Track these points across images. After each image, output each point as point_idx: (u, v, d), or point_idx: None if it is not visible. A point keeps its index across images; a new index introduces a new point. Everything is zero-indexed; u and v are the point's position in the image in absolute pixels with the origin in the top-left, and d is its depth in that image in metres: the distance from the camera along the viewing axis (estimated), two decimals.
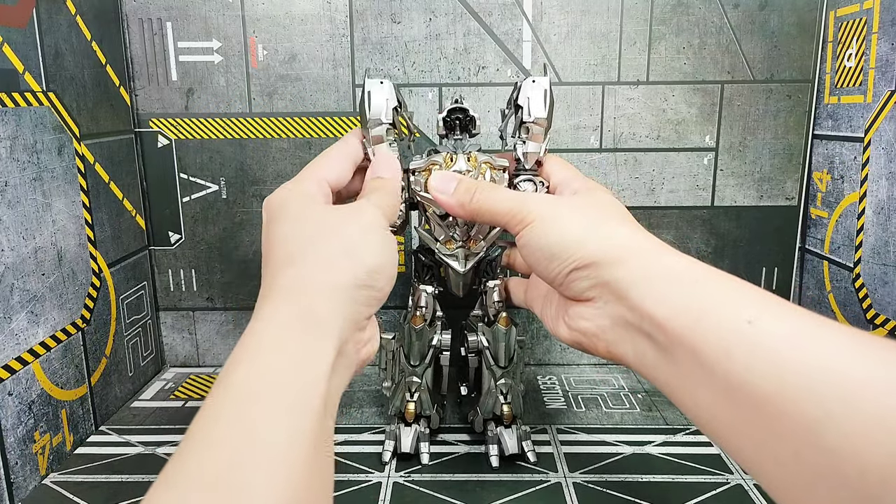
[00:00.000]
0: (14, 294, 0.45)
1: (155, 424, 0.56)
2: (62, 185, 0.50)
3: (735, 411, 0.26)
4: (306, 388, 0.28)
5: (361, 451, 0.50)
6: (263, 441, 0.25)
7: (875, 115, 0.55)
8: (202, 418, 0.26)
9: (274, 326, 0.30)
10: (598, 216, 0.36)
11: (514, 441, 0.48)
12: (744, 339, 0.26)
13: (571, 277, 0.34)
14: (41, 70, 0.48)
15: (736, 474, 0.47)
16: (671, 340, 0.29)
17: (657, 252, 0.33)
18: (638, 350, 0.32)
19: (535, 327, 0.67)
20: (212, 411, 0.26)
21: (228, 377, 0.28)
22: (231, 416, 0.26)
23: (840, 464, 0.22)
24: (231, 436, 0.25)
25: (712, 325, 0.28)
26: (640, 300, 0.31)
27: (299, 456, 0.26)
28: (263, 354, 0.29)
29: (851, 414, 0.22)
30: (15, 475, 0.44)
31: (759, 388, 0.25)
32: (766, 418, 0.25)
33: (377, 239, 0.35)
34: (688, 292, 0.30)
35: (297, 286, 0.32)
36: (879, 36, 0.54)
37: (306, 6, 0.61)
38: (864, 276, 0.56)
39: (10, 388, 0.44)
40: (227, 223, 0.66)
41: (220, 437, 0.25)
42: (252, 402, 0.27)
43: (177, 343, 0.68)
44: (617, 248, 0.33)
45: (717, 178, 0.65)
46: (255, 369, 0.28)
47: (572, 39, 0.62)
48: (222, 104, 0.63)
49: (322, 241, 0.33)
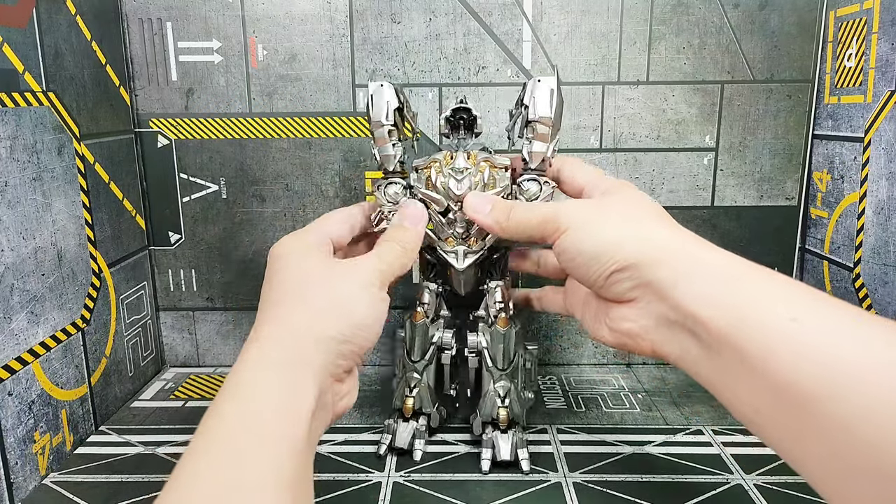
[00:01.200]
0: (14, 294, 0.45)
1: (155, 424, 0.56)
2: (62, 185, 0.50)
3: (779, 408, 0.27)
4: (289, 434, 0.30)
5: (361, 451, 0.50)
6: (248, 481, 0.27)
7: (875, 115, 0.55)
8: (192, 453, 0.28)
9: (260, 369, 0.32)
10: (633, 216, 0.36)
11: (507, 447, 0.47)
12: (789, 338, 0.26)
13: (612, 280, 0.35)
14: (41, 70, 0.48)
15: (736, 474, 0.47)
16: (715, 338, 0.30)
17: (697, 249, 0.34)
18: (683, 348, 0.32)
19: (535, 327, 0.67)
20: (195, 459, 0.28)
21: (214, 421, 0.30)
22: (217, 461, 0.28)
23: (881, 459, 0.23)
24: (218, 482, 0.27)
25: (756, 323, 0.28)
26: (682, 299, 0.31)
27: (282, 495, 0.28)
28: (249, 398, 0.31)
29: (892, 415, 0.23)
30: (15, 475, 0.44)
31: (805, 387, 0.25)
32: (810, 416, 0.25)
33: (366, 297, 0.36)
34: (730, 290, 0.30)
35: (283, 333, 0.34)
36: (879, 36, 0.54)
37: (306, 6, 0.61)
38: (864, 276, 0.56)
39: (10, 388, 0.44)
40: (227, 223, 0.66)
41: (207, 484, 0.27)
42: (237, 447, 0.28)
43: (177, 343, 0.68)
44: (656, 248, 0.34)
45: (717, 178, 0.65)
46: (240, 412, 0.30)
47: (572, 39, 0.62)
48: (222, 104, 0.63)
49: (313, 291, 0.35)
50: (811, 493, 0.44)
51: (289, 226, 0.65)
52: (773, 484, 0.45)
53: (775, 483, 0.45)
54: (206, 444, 0.29)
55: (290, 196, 0.65)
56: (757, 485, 0.45)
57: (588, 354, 0.68)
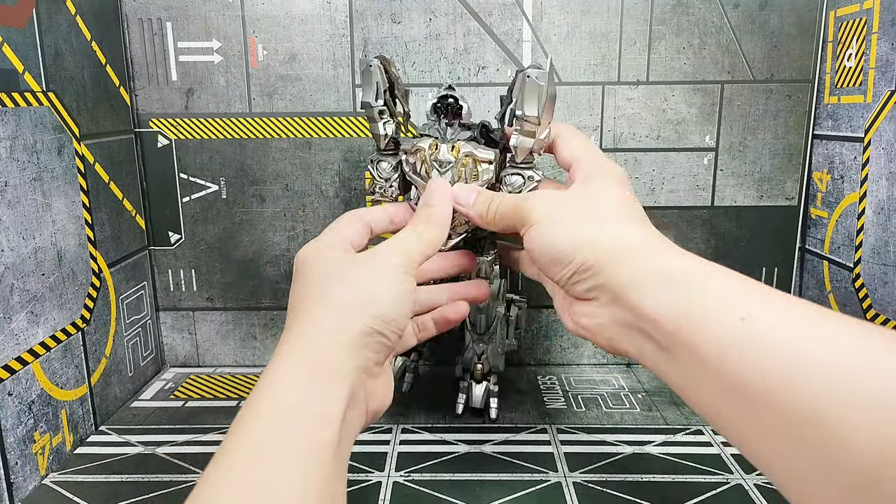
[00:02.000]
0: (14, 294, 0.45)
1: (155, 424, 0.56)
2: (62, 185, 0.50)
3: (736, 407, 0.27)
4: (317, 438, 0.30)
5: (361, 450, 0.50)
6: (275, 493, 0.27)
7: (875, 115, 0.55)
8: (222, 453, 0.28)
9: (289, 377, 0.32)
10: (598, 214, 0.36)
11: (480, 396, 0.54)
12: (738, 337, 0.26)
13: (573, 280, 0.35)
14: (41, 70, 0.48)
15: (736, 474, 0.47)
16: (671, 340, 0.30)
17: (655, 251, 0.33)
18: (637, 347, 0.33)
19: (535, 327, 0.67)
20: (226, 461, 0.28)
21: (242, 431, 0.29)
22: (245, 466, 0.28)
23: (839, 453, 0.22)
24: (244, 487, 0.27)
25: (709, 324, 0.28)
26: (637, 301, 0.31)
27: (308, 501, 0.28)
28: (276, 406, 0.30)
29: (849, 404, 0.22)
30: (15, 475, 0.44)
31: (756, 384, 0.25)
32: (765, 413, 0.25)
33: (389, 285, 0.36)
34: (685, 292, 0.30)
35: (311, 332, 0.34)
36: (879, 36, 0.54)
37: (306, 6, 0.61)
38: (864, 276, 0.56)
39: (10, 388, 0.44)
40: (227, 223, 0.66)
41: (233, 489, 0.27)
42: (265, 452, 0.28)
43: (177, 343, 0.68)
44: (614, 249, 0.34)
45: (717, 178, 0.65)
46: (268, 421, 0.30)
47: (572, 39, 0.62)
48: (222, 104, 0.63)
49: (337, 287, 0.35)
50: None
51: (289, 226, 0.65)
52: (773, 484, 0.45)
53: None
54: (235, 444, 0.29)
55: (290, 196, 0.65)
56: (757, 485, 0.45)
57: (588, 354, 0.68)
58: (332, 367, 0.32)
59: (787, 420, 0.24)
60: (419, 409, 0.58)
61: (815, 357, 0.24)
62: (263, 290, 0.67)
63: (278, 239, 0.66)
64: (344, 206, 0.65)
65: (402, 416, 0.56)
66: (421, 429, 0.54)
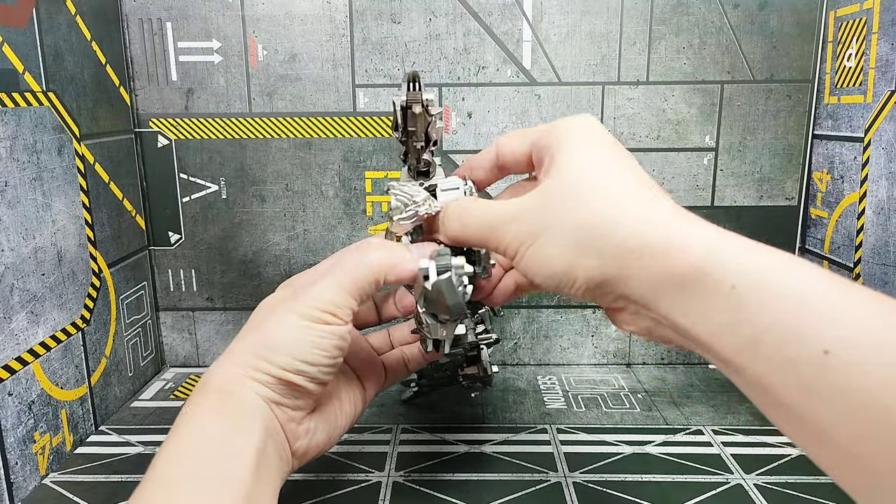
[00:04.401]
0: (14, 294, 0.45)
1: (155, 424, 0.56)
2: (62, 185, 0.50)
3: (821, 448, 0.22)
4: (230, 470, 0.30)
5: (361, 450, 0.50)
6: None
7: (875, 115, 0.55)
8: (139, 492, 0.29)
9: (203, 407, 0.33)
10: (587, 211, 0.28)
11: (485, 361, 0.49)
12: (822, 379, 0.21)
13: (587, 297, 0.29)
14: (41, 70, 0.48)
15: (736, 474, 0.47)
16: (726, 363, 0.24)
17: (668, 243, 0.26)
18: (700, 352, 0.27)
19: (535, 328, 0.67)
20: (145, 488, 0.29)
21: (158, 461, 0.31)
22: (155, 497, 0.29)
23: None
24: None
25: (779, 358, 0.22)
26: (675, 319, 0.25)
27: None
28: (189, 437, 0.32)
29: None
30: (15, 475, 0.44)
31: (862, 438, 0.20)
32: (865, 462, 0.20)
33: (289, 333, 0.34)
34: (733, 305, 0.23)
35: (224, 368, 0.34)
36: (879, 36, 0.54)
37: (306, 6, 0.61)
38: (864, 276, 0.56)
39: (10, 388, 0.44)
40: (227, 223, 0.66)
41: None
42: (173, 485, 0.29)
43: (177, 343, 0.68)
44: (623, 255, 0.27)
45: (717, 178, 0.65)
46: (179, 452, 0.31)
47: (572, 39, 0.62)
48: (222, 104, 0.63)
49: (247, 336, 0.35)
50: (811, 493, 0.44)
51: (289, 226, 0.65)
52: (773, 484, 0.45)
53: (775, 483, 0.45)
54: (150, 483, 0.30)
55: (290, 196, 0.65)
56: (757, 485, 0.45)
57: (588, 354, 0.68)
58: (241, 404, 0.33)
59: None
60: (419, 409, 0.58)
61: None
62: (263, 290, 0.67)
63: (278, 239, 0.66)
64: (344, 205, 0.65)
65: (402, 416, 0.56)
66: (421, 429, 0.54)
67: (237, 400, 0.33)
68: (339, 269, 0.35)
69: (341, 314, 0.34)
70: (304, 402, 0.35)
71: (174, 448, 0.31)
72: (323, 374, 0.35)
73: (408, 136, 0.39)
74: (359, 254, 0.36)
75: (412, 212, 0.37)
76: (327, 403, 0.38)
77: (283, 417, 0.34)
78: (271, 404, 0.34)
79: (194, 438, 0.31)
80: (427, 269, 0.32)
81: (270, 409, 0.34)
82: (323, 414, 0.37)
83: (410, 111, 0.37)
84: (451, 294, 0.31)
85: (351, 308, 0.35)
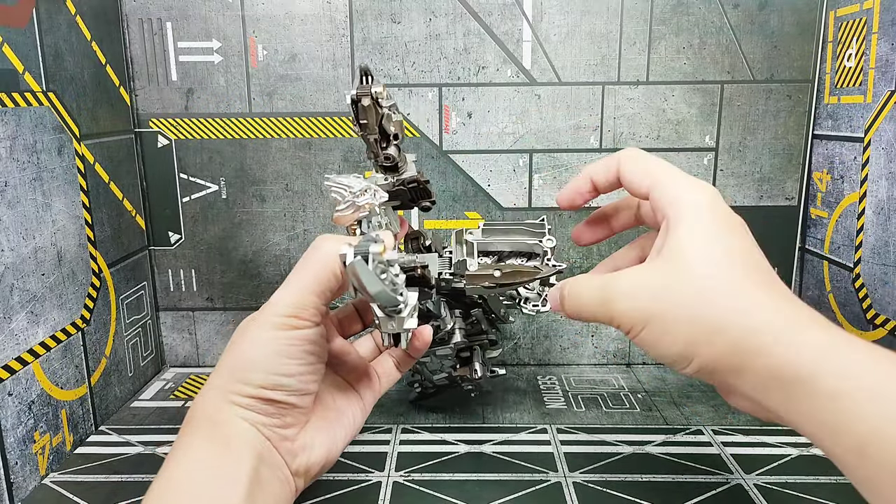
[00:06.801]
0: (14, 294, 0.45)
1: (155, 424, 0.56)
2: (62, 185, 0.50)
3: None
4: (222, 493, 0.31)
5: (361, 450, 0.50)
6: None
7: (875, 115, 0.55)
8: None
9: (192, 433, 0.33)
10: (707, 297, 0.29)
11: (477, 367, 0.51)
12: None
13: (699, 377, 0.30)
14: (41, 70, 0.48)
15: (736, 474, 0.47)
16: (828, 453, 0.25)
17: (779, 353, 0.27)
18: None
19: (535, 328, 0.67)
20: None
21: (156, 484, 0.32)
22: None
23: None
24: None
25: (867, 455, 0.23)
26: (779, 411, 0.27)
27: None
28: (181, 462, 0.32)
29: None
30: (15, 475, 0.44)
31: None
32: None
33: (259, 350, 0.34)
34: (827, 407, 0.25)
35: (209, 392, 0.34)
36: (879, 36, 0.54)
37: (306, 6, 0.61)
38: (864, 276, 0.56)
39: (10, 388, 0.44)
40: (227, 223, 0.66)
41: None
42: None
43: (177, 343, 0.68)
44: (734, 354, 0.28)
45: (717, 178, 0.65)
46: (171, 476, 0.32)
47: (572, 39, 0.62)
48: (222, 104, 0.63)
49: (225, 359, 0.35)
50: (811, 493, 0.44)
51: (289, 226, 0.65)
52: (773, 484, 0.45)
53: (775, 483, 0.45)
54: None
55: (290, 196, 0.65)
56: (757, 485, 0.45)
57: (588, 354, 0.68)
58: (227, 427, 0.33)
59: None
60: (419, 409, 0.58)
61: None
62: (263, 290, 0.67)
63: (278, 239, 0.66)
64: None
65: (402, 416, 0.56)
66: (421, 429, 0.54)
67: (224, 429, 0.33)
68: (296, 271, 0.35)
69: (306, 315, 0.34)
70: (292, 418, 0.35)
71: (165, 481, 0.31)
72: (303, 384, 0.34)
73: (362, 130, 0.39)
74: (313, 250, 0.36)
75: (349, 202, 0.37)
76: (322, 416, 0.38)
77: (275, 438, 0.34)
78: (259, 427, 0.34)
79: (183, 469, 0.32)
80: (345, 254, 0.29)
81: (259, 432, 0.33)
82: (319, 428, 0.37)
83: (360, 104, 0.37)
84: (370, 281, 0.29)
85: (315, 308, 0.34)
